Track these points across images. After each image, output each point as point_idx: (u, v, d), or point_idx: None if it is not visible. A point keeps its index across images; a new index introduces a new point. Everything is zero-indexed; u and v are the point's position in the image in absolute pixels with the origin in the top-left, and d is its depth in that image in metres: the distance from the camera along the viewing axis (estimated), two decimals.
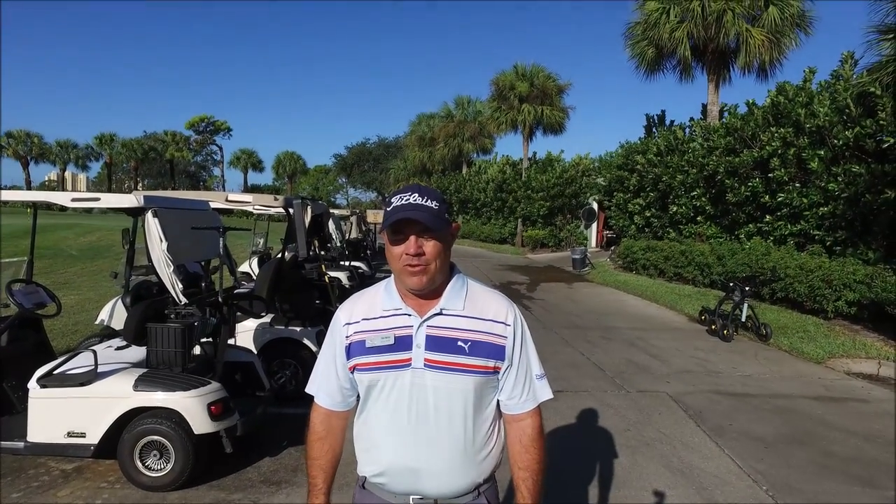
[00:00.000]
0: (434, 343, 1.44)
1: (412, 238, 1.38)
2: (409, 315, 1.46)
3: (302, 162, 63.26)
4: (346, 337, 1.51)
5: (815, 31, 15.39)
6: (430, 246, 1.40)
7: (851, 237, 10.37)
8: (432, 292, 1.46)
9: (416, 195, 1.41)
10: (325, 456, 1.57)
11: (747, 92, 19.71)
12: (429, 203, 1.40)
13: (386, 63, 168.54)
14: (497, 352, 1.47)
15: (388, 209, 1.42)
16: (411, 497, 1.47)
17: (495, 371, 1.48)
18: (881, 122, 9.22)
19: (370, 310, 1.51)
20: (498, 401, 1.53)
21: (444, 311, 1.46)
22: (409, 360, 1.44)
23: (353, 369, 1.50)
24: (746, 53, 15.33)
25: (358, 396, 1.56)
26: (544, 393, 1.54)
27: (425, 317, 1.46)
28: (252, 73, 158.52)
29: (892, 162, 9.13)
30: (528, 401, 1.52)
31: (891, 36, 8.82)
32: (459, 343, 1.44)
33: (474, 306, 1.49)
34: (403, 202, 1.39)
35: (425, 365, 1.43)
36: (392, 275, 1.53)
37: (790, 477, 4.09)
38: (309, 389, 1.60)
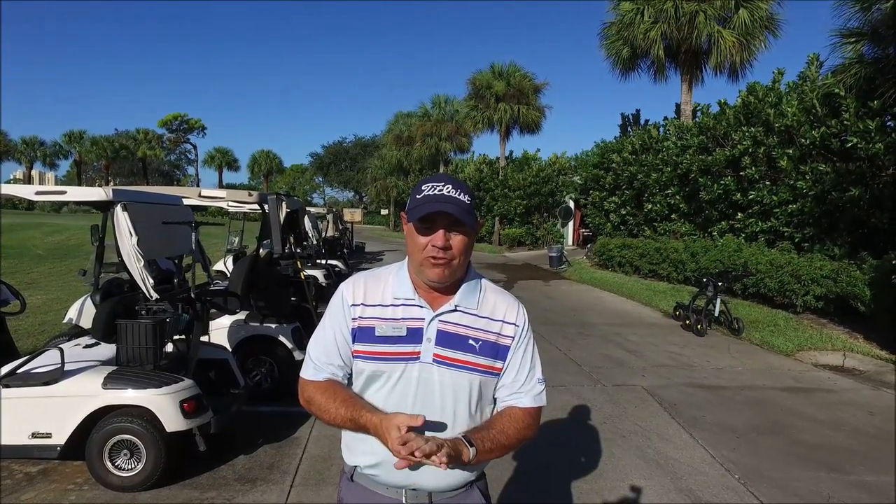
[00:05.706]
0: (445, 339, 1.42)
1: (441, 231, 1.35)
2: (422, 307, 1.43)
3: (278, 161, 62.38)
4: (353, 319, 1.45)
5: (783, 34, 15.80)
6: (457, 240, 1.37)
7: (818, 234, 10.67)
8: (447, 287, 1.43)
9: (450, 186, 1.36)
10: (340, 392, 1.43)
11: (719, 92, 20.25)
12: (461, 196, 1.35)
13: (363, 62, 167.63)
14: (502, 352, 1.47)
15: (417, 196, 1.37)
16: (405, 489, 1.44)
17: (499, 372, 1.47)
18: (845, 122, 9.49)
19: (380, 296, 1.46)
20: (495, 398, 1.51)
21: (458, 308, 1.44)
22: (419, 353, 1.41)
23: (354, 355, 1.45)
24: (718, 54, 15.66)
25: (349, 379, 1.49)
26: (541, 398, 1.51)
27: (438, 311, 1.43)
28: (226, 71, 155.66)
29: (855, 161, 9.42)
30: (526, 397, 1.48)
31: (852, 40, 9.09)
32: (471, 341, 1.43)
33: (487, 306, 1.47)
34: (436, 192, 1.35)
35: (434, 360, 1.41)
36: (403, 261, 1.48)
37: (761, 465, 4.19)
38: (306, 375, 1.49)
